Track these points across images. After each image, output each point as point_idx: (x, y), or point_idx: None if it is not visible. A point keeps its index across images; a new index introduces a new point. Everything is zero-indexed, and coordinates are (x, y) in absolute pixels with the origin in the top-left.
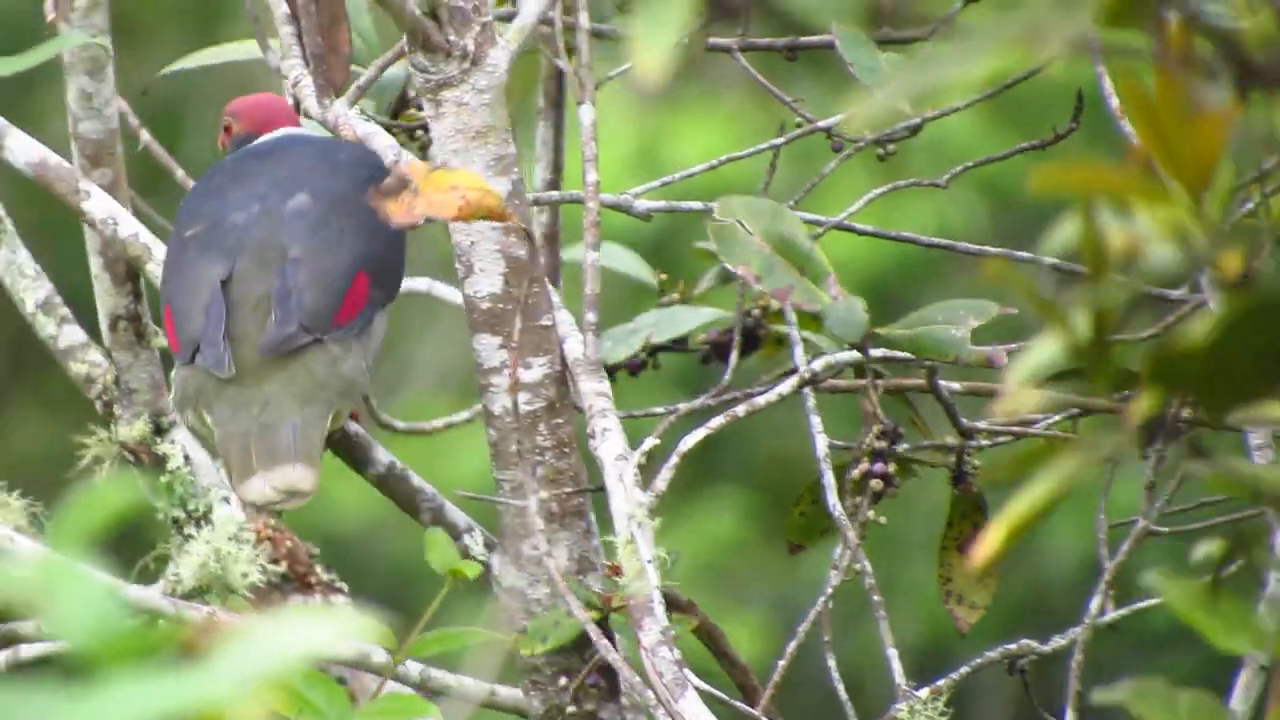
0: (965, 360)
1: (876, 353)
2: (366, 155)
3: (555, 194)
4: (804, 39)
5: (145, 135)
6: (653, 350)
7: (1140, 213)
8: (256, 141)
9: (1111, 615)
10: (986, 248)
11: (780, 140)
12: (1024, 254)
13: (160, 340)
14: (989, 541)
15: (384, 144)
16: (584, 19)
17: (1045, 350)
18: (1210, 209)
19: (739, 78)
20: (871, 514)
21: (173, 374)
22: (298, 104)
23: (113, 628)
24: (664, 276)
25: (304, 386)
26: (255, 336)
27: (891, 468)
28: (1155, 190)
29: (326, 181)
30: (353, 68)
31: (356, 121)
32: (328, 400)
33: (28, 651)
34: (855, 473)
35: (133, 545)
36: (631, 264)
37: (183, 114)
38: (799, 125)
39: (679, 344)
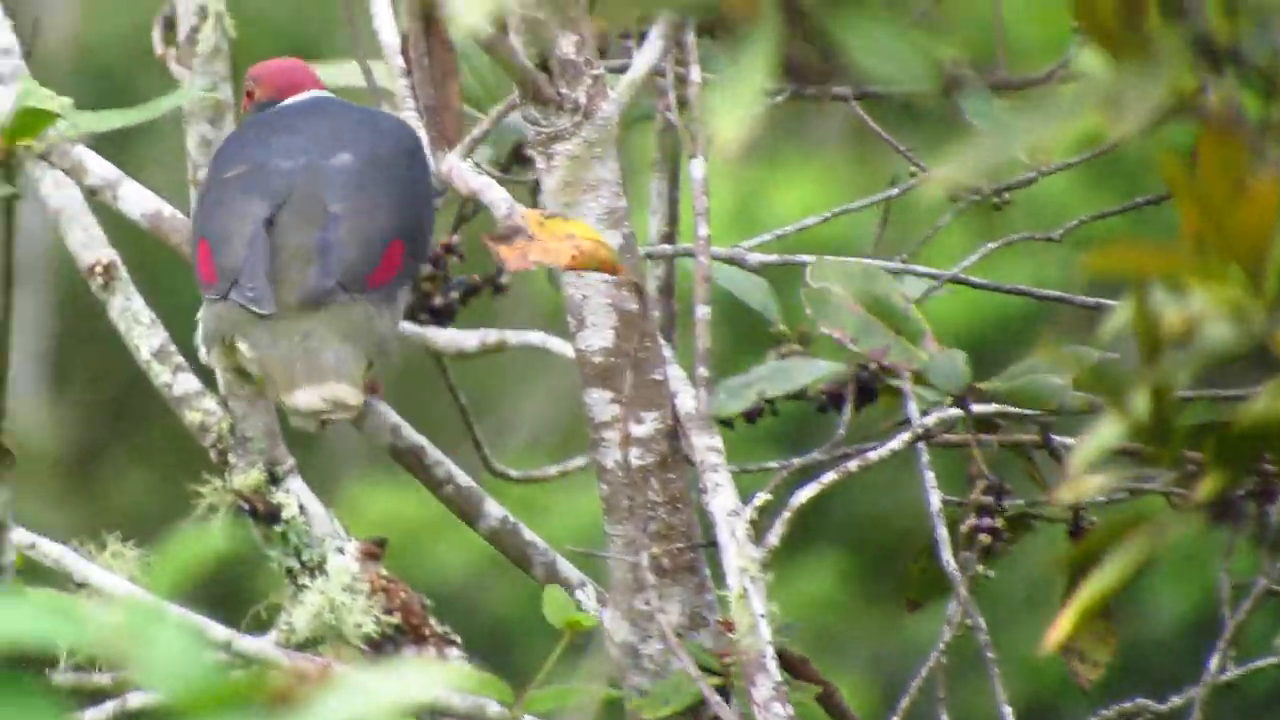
0: (1068, 408)
1: (982, 407)
2: (405, 126)
3: (668, 247)
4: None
5: None
6: (770, 403)
7: (1195, 291)
8: (290, 100)
9: (1230, 674)
10: (1103, 300)
11: (894, 191)
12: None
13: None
14: (1060, 627)
15: (498, 196)
16: (696, 72)
17: (1109, 431)
18: (1267, 284)
19: (834, 133)
20: (980, 569)
21: (200, 311)
22: None
23: (204, 676)
24: (783, 327)
25: (342, 329)
26: (291, 281)
27: (1000, 523)
28: (1209, 268)
29: (368, 144)
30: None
31: (470, 174)
32: (363, 347)
33: (135, 700)
34: (964, 528)
35: (246, 595)
36: (756, 294)
37: None
38: (912, 175)
39: (796, 397)
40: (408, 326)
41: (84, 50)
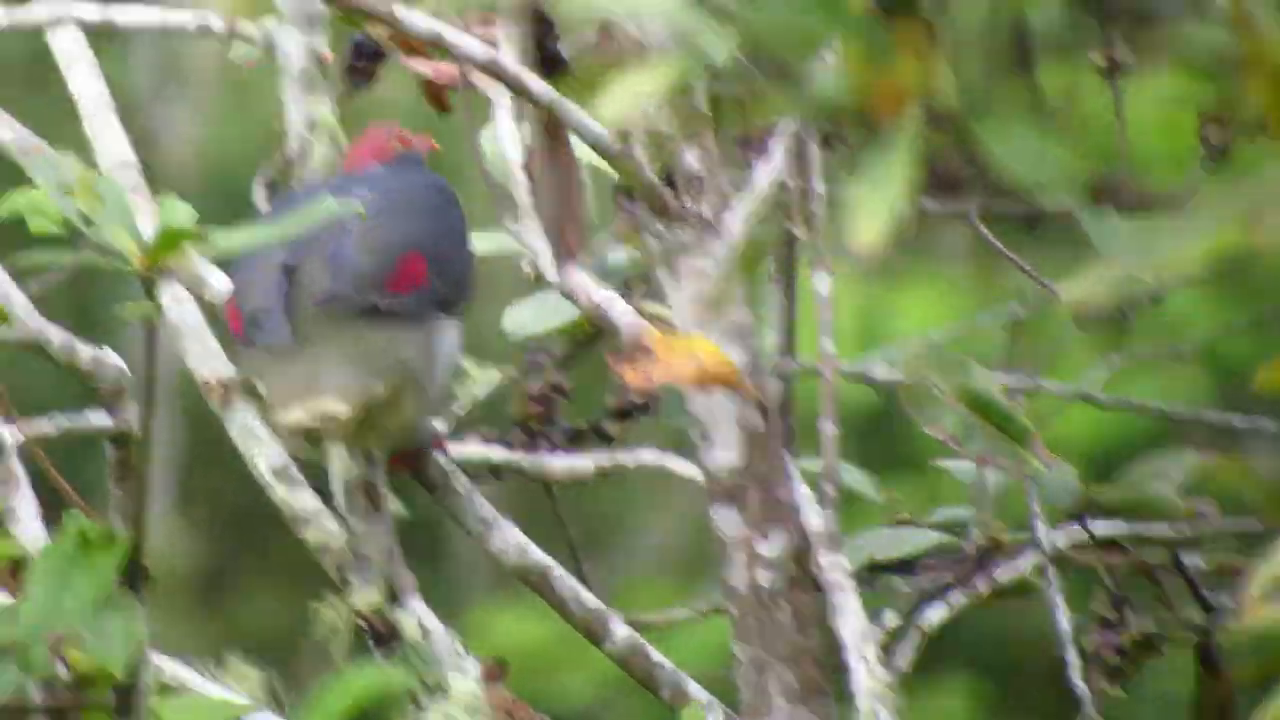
0: (1178, 518)
1: (1107, 528)
2: (439, 178)
3: (793, 363)
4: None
5: None
6: (878, 568)
7: None
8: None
9: None
10: (1232, 417)
11: (1021, 309)
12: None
13: (397, 507)
14: None
15: (621, 310)
16: (819, 185)
17: None
18: None
19: (959, 248)
20: (1107, 688)
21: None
22: (536, 270)
23: None
24: (894, 495)
25: (352, 352)
26: (306, 301)
27: (1128, 642)
28: None
29: (391, 183)
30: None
31: (594, 288)
32: (376, 369)
33: None
34: (1090, 647)
35: (367, 714)
36: (859, 480)
37: None
38: (1036, 292)
39: (903, 566)
40: (524, 457)
41: (203, 162)
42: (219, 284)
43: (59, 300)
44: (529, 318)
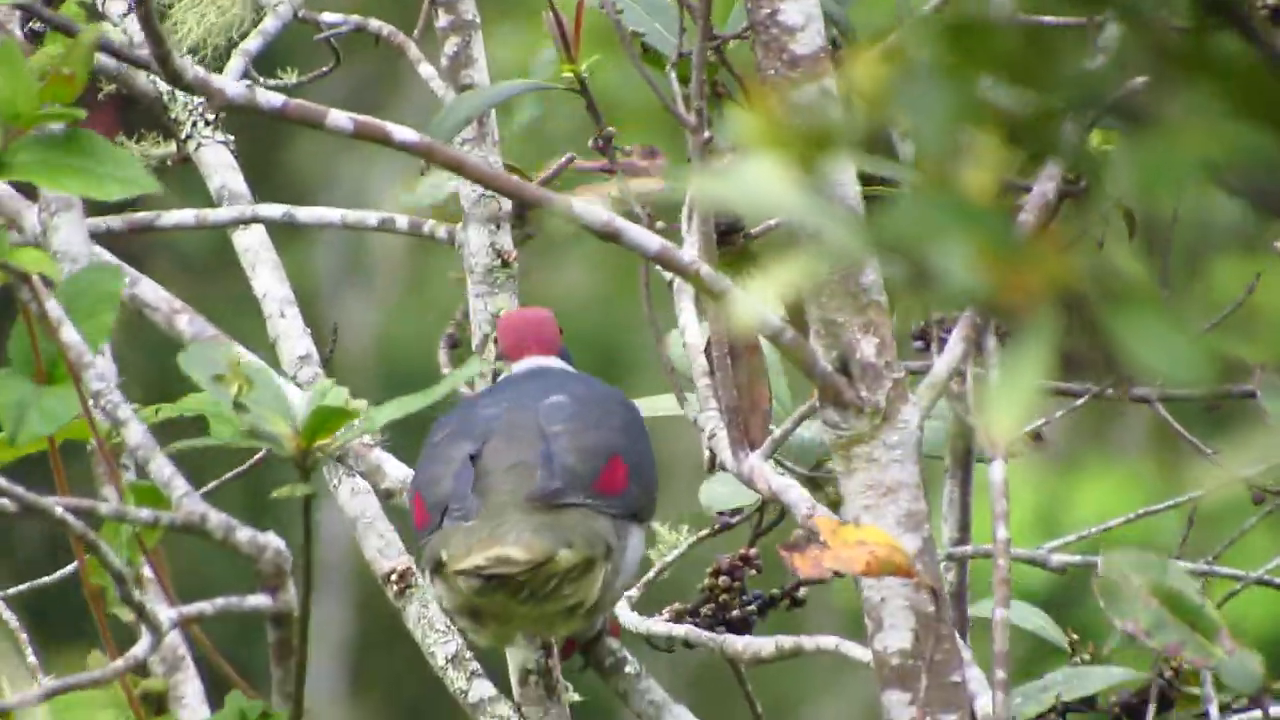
0: None
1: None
2: (618, 393)
3: (968, 549)
4: (1226, 389)
5: None
6: (1064, 710)
7: None
8: (507, 373)
9: None
10: None
11: (1198, 493)
12: None
13: (571, 696)
14: None
15: (798, 497)
16: (996, 375)
17: None
18: None
19: (1137, 434)
20: None
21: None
22: (713, 457)
23: None
24: (1074, 637)
25: (539, 521)
26: (505, 490)
27: None
28: None
29: (582, 389)
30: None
31: (771, 475)
32: (561, 536)
33: None
34: None
35: None
36: (1041, 623)
37: None
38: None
39: (1088, 703)
40: (703, 634)
41: (383, 357)
42: (397, 473)
43: (237, 485)
44: (725, 492)
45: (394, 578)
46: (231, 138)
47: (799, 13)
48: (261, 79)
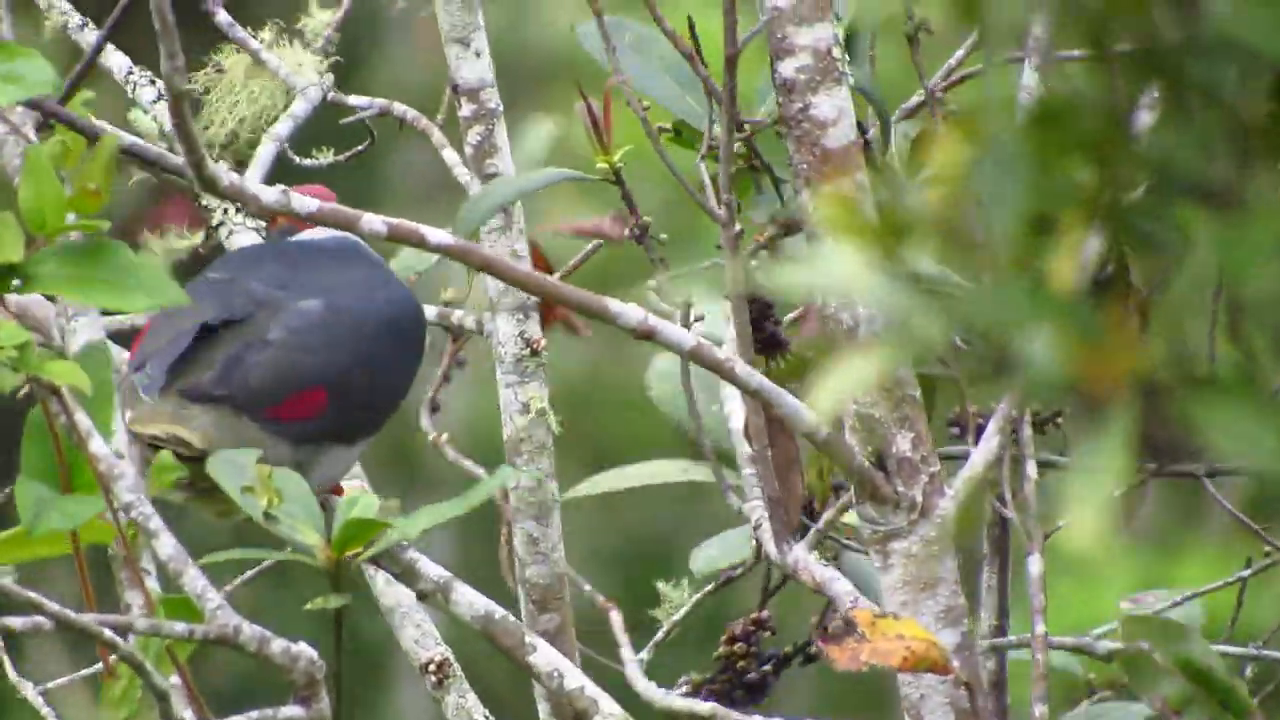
0: None
1: None
2: (409, 305)
3: (1010, 639)
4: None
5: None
6: None
7: None
8: (309, 235)
9: None
10: None
11: (1246, 572)
12: None
13: None
14: None
15: (843, 590)
16: (1031, 468)
17: None
18: None
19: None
20: None
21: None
22: (759, 546)
23: None
24: (1092, 675)
25: (213, 419)
26: (185, 375)
27: None
28: None
29: (353, 300)
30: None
31: (815, 565)
32: (238, 440)
33: None
34: None
35: None
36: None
37: None
38: (1267, 555)
39: None
40: (733, 715)
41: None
42: (431, 572)
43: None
44: (714, 555)
45: (431, 668)
46: (263, 224)
47: (831, 107)
48: (297, 158)
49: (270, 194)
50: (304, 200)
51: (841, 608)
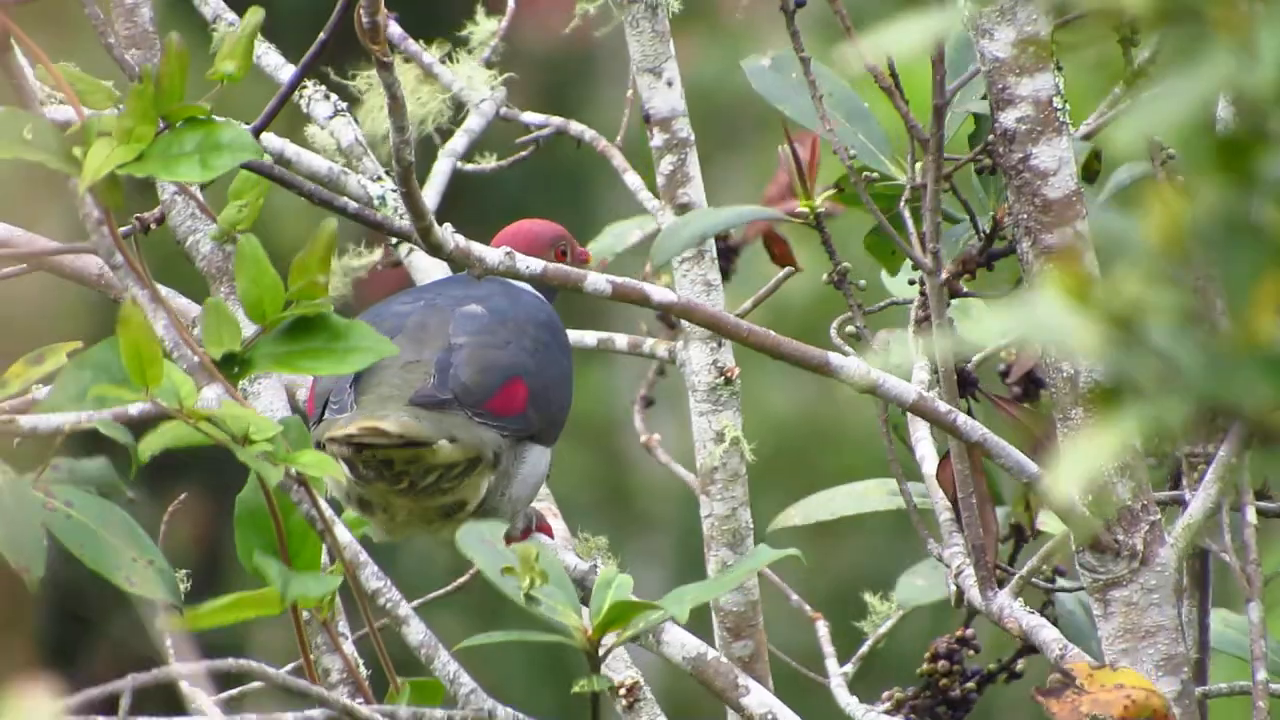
0: None
1: None
2: (547, 306)
3: (1223, 685)
4: None
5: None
6: None
7: None
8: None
9: None
10: None
11: None
12: None
13: None
14: None
15: (1050, 637)
16: (1250, 514)
17: None
18: None
19: None
20: None
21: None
22: (960, 593)
23: None
24: None
25: (424, 413)
26: (393, 385)
27: None
28: None
29: (503, 304)
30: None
31: (1021, 612)
32: (446, 430)
33: None
34: None
35: None
36: None
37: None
38: None
39: None
40: None
41: (612, 493)
42: (680, 641)
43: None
44: (923, 586)
45: (622, 691)
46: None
47: (1052, 157)
48: (460, 163)
49: (495, 255)
50: (529, 261)
51: (1049, 655)
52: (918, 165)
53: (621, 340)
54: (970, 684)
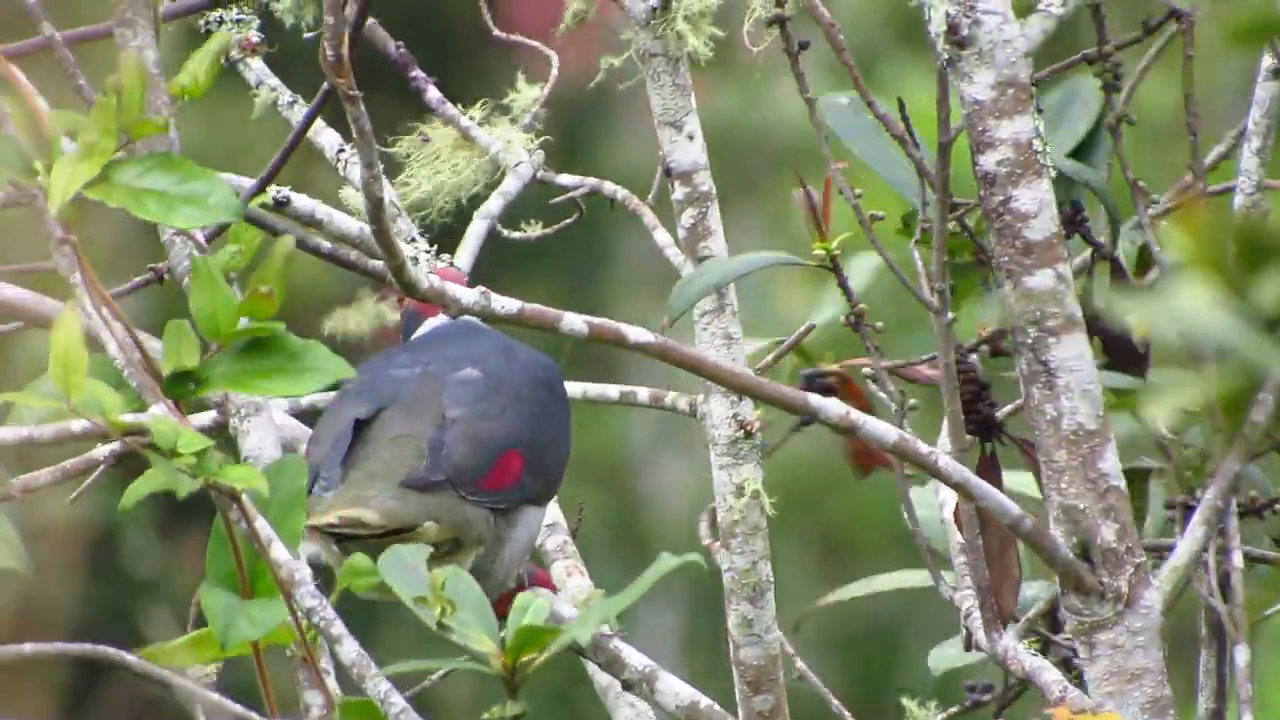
0: None
1: None
2: (544, 359)
3: None
4: None
5: (799, 665)
6: None
7: None
8: (431, 325)
9: None
10: None
11: None
12: None
13: None
14: None
15: (1051, 679)
16: (1238, 558)
17: None
18: None
19: None
20: None
21: None
22: (969, 635)
23: None
24: None
25: (411, 494)
26: (383, 460)
27: None
28: None
29: (499, 366)
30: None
31: (1025, 655)
32: (432, 513)
33: None
34: None
35: None
36: None
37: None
38: None
39: None
40: None
41: (635, 544)
42: (637, 662)
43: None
44: (954, 655)
45: None
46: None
47: (1032, 199)
48: (504, 230)
49: (470, 296)
50: (504, 302)
51: (1050, 697)
52: (929, 205)
53: (643, 394)
54: None
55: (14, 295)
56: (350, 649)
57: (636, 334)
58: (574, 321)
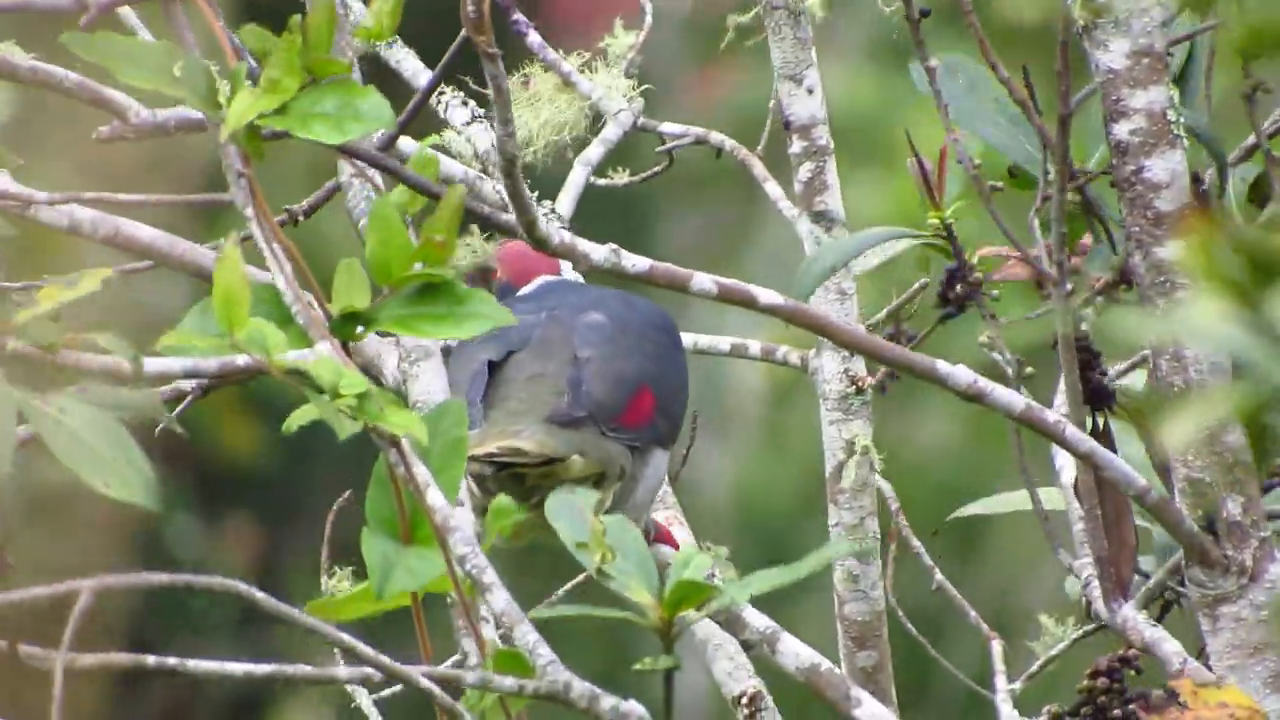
0: None
1: None
2: (658, 308)
3: None
4: None
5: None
6: None
7: None
8: (528, 288)
9: None
10: None
11: None
12: None
13: None
14: None
15: (1171, 650)
16: None
17: None
18: None
19: None
20: None
21: None
22: (1088, 604)
23: None
24: None
25: (555, 428)
26: (522, 399)
27: None
28: None
29: (621, 311)
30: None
31: (1145, 626)
32: (579, 447)
33: None
34: None
35: None
36: None
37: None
38: None
39: None
40: None
41: (740, 503)
42: (757, 623)
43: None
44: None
45: (744, 700)
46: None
47: (1164, 170)
48: (593, 178)
49: (600, 253)
50: (634, 260)
51: (1169, 669)
52: (1048, 175)
53: (755, 347)
54: (1131, 706)
55: (147, 235)
56: (500, 598)
57: (767, 295)
58: (703, 282)
